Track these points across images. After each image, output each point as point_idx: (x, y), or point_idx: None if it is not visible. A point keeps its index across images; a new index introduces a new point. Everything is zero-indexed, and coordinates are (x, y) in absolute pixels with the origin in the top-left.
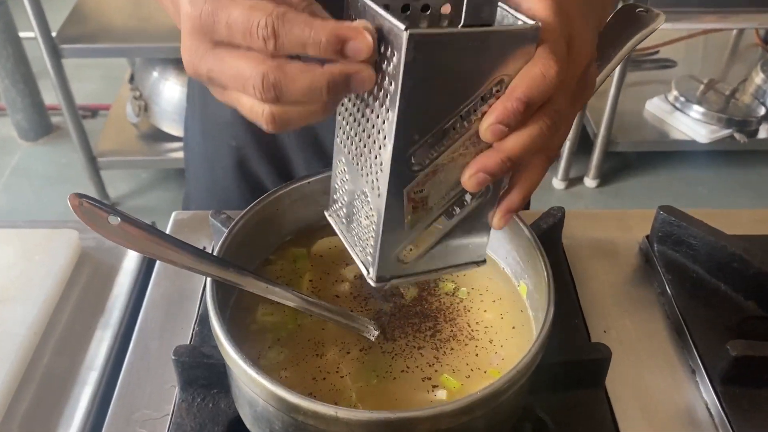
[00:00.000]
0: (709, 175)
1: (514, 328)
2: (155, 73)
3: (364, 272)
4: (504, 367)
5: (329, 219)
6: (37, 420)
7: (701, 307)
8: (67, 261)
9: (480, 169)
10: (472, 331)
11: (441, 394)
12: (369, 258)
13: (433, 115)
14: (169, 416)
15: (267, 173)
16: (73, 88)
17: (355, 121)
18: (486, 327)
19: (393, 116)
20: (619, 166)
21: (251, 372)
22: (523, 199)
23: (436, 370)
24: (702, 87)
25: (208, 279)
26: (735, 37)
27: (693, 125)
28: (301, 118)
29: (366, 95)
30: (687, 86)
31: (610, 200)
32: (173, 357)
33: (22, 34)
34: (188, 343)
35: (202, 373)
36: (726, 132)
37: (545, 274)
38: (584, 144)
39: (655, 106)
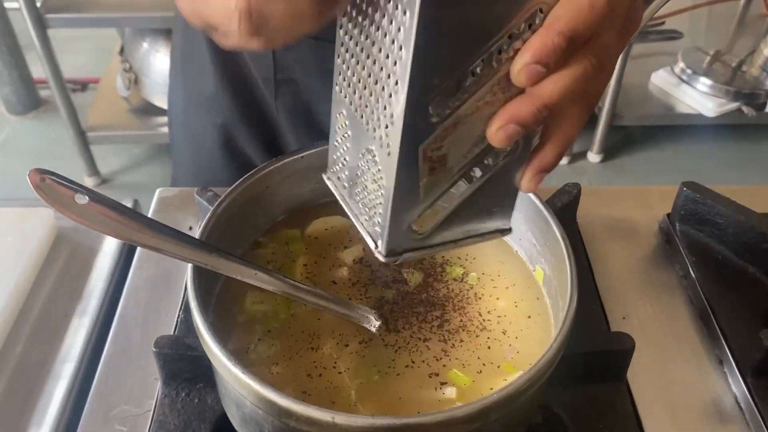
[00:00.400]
0: (716, 150)
1: (529, 317)
2: (145, 45)
3: (372, 245)
4: (519, 361)
5: (328, 183)
6: (8, 416)
7: (728, 292)
8: (42, 242)
9: (510, 120)
10: (484, 320)
11: (450, 392)
12: (377, 229)
13: (456, 54)
14: (151, 412)
15: (257, 152)
16: (63, 60)
17: (358, 63)
18: (499, 316)
19: (407, 55)
20: (624, 140)
21: (236, 371)
22: (558, 156)
23: (444, 365)
24: (708, 59)
25: (190, 265)
26: (742, 7)
27: (700, 98)
28: (282, 17)
29: (373, 29)
30: (693, 58)
31: (614, 176)
32: (154, 349)
33: (6, 5)
34: (172, 332)
35: (186, 366)
36: (733, 105)
37: (566, 258)
38: (588, 118)
39: (660, 79)
